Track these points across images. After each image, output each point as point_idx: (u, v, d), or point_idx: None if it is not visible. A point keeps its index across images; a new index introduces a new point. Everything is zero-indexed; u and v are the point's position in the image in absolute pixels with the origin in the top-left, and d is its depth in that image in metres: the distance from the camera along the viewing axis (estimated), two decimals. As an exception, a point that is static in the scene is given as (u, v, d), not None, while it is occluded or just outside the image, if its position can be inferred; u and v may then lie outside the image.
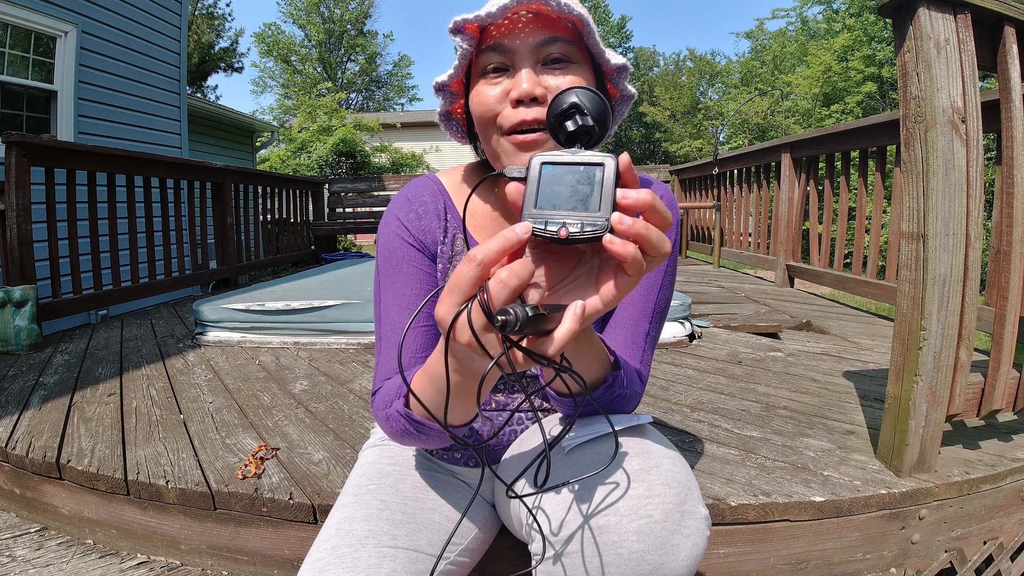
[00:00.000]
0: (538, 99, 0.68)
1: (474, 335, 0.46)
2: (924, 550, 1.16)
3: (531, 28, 0.69)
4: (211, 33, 18.90)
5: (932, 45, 1.08)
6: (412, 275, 0.78)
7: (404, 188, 0.84)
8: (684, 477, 0.62)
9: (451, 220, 0.82)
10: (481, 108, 0.71)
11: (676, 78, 23.16)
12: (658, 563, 0.57)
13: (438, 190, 0.84)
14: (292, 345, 2.43)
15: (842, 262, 3.55)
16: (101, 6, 4.54)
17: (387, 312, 0.78)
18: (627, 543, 0.57)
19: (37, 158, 2.71)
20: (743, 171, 4.88)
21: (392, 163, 11.05)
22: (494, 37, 0.70)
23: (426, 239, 0.80)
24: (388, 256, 0.79)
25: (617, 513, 0.59)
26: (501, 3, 0.66)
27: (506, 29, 0.69)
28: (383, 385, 0.75)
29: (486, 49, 0.70)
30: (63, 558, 1.23)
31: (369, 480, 0.81)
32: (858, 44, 14.06)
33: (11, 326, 2.42)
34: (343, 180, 6.89)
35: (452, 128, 0.83)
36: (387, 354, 0.77)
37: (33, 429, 1.51)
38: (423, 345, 0.76)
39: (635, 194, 0.45)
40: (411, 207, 0.81)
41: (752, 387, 1.79)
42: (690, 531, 0.59)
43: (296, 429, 1.51)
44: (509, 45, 0.69)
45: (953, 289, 1.13)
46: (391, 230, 0.80)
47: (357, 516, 0.73)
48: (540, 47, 0.69)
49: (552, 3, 0.66)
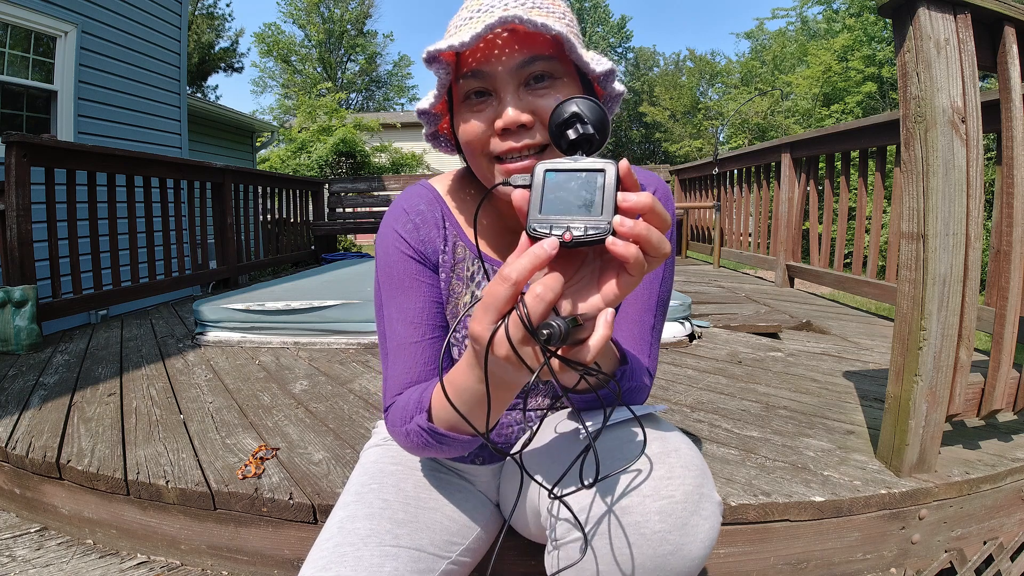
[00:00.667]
0: (525, 125, 0.66)
1: (513, 349, 0.48)
2: (924, 550, 1.16)
3: (509, 50, 0.66)
4: (211, 33, 18.90)
5: (932, 45, 1.08)
6: (415, 288, 0.78)
7: (399, 198, 0.83)
8: (700, 462, 0.64)
9: (450, 228, 0.81)
10: (467, 137, 0.70)
11: (676, 78, 23.16)
12: (679, 543, 0.59)
13: (434, 198, 0.82)
14: (292, 345, 2.43)
15: (842, 262, 3.55)
16: (101, 6, 4.54)
17: (393, 327, 0.77)
18: (650, 523, 0.59)
19: (37, 158, 2.71)
20: (743, 171, 4.88)
21: (392, 163, 11.05)
22: (471, 64, 0.68)
23: (426, 249, 0.79)
24: (389, 270, 0.78)
25: (640, 494, 0.60)
26: (473, 31, 0.63)
27: (482, 55, 0.67)
28: (395, 401, 0.74)
29: (466, 75, 0.68)
30: (63, 558, 1.23)
31: (371, 479, 0.81)
32: (858, 44, 14.06)
33: (11, 326, 2.43)
34: (343, 180, 6.89)
35: (440, 145, 0.82)
36: (396, 368, 0.76)
37: (33, 429, 1.51)
38: (433, 357, 0.76)
39: (635, 197, 0.46)
40: (408, 218, 0.79)
41: (752, 387, 1.79)
42: (707, 513, 0.61)
43: (296, 429, 1.51)
44: (488, 71, 0.67)
45: (953, 289, 1.13)
46: (390, 243, 0.79)
47: (360, 515, 0.73)
48: (521, 68, 0.66)
49: (529, 24, 0.63)
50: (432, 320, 0.78)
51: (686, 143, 19.10)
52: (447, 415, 0.65)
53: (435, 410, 0.67)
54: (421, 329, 0.76)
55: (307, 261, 6.22)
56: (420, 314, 0.77)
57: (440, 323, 0.79)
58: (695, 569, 0.60)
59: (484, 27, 0.62)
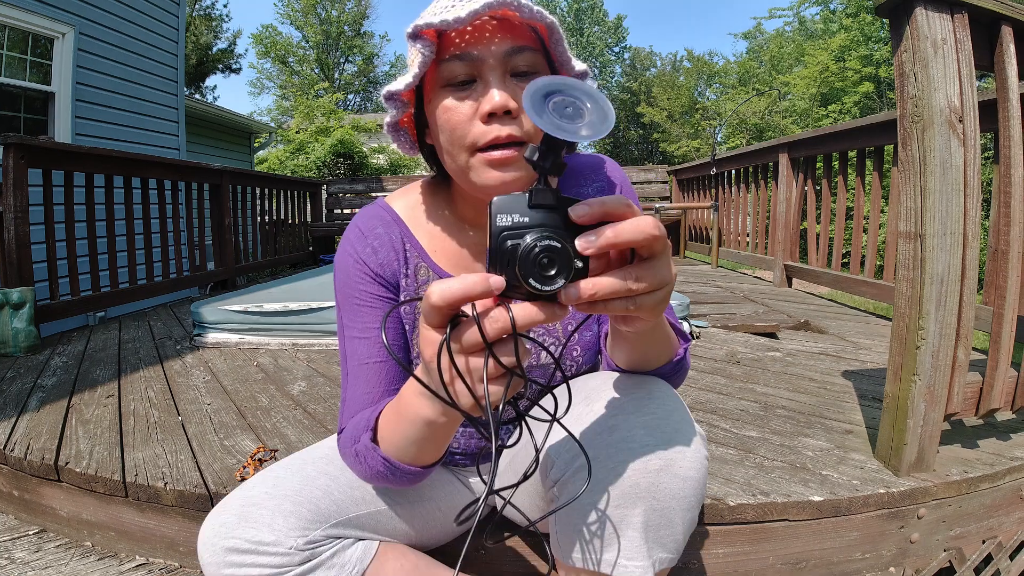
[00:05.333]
0: (511, 112, 0.63)
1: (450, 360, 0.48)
2: (923, 549, 1.16)
3: (500, 36, 0.64)
4: (209, 34, 18.88)
5: (929, 45, 1.08)
6: (379, 308, 0.76)
7: (356, 219, 0.80)
8: (680, 398, 0.67)
9: (410, 250, 0.78)
10: (451, 125, 0.65)
11: (674, 78, 23.17)
12: (668, 459, 0.59)
13: (392, 220, 0.79)
14: (290, 346, 2.42)
15: (840, 262, 3.55)
16: (98, 8, 4.53)
17: (354, 346, 0.75)
18: (636, 437, 0.60)
19: (35, 160, 2.70)
20: (741, 171, 4.88)
21: (390, 164, 11.06)
22: (459, 46, 0.64)
23: (385, 272, 0.76)
24: (349, 292, 0.76)
25: (624, 412, 0.62)
26: (470, 7, 0.60)
27: (471, 37, 0.64)
28: (347, 425, 0.73)
29: (450, 58, 0.64)
30: (62, 560, 1.23)
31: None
32: (855, 44, 14.09)
33: (9, 328, 2.42)
34: (341, 181, 6.89)
35: (401, 140, 0.77)
36: (355, 390, 0.74)
37: (31, 431, 1.51)
38: (396, 377, 0.75)
39: (588, 239, 0.44)
40: (366, 241, 0.77)
41: (750, 387, 1.79)
42: (692, 437, 0.62)
43: (294, 430, 1.50)
44: (478, 54, 0.64)
45: (951, 288, 1.13)
46: (349, 265, 0.76)
47: (317, 447, 0.82)
48: (508, 57, 0.64)
49: (525, 10, 0.61)
50: (397, 341, 0.77)
51: (684, 143, 19.11)
52: (395, 440, 0.63)
53: (382, 432, 0.66)
54: (384, 350, 0.74)
55: (305, 262, 6.21)
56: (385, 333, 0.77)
57: (404, 345, 0.78)
58: (690, 494, 0.60)
59: (483, 5, 0.60)
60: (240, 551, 0.64)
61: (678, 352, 0.70)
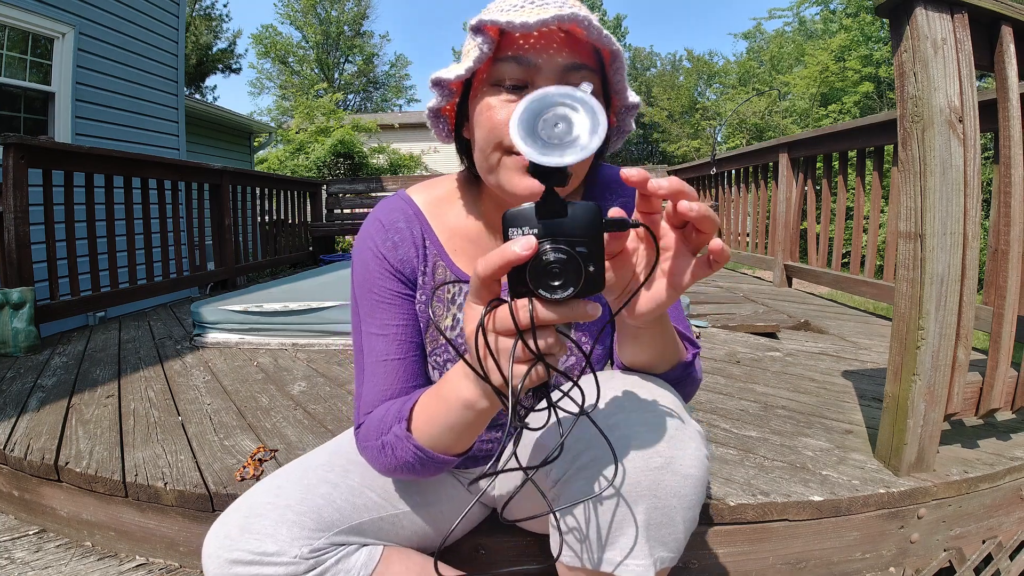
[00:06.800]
0: None
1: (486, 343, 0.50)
2: (923, 549, 1.16)
3: (565, 50, 0.64)
4: (209, 34, 18.87)
5: (929, 45, 1.08)
6: (400, 304, 0.76)
7: (376, 211, 0.79)
8: (679, 397, 0.68)
9: (430, 247, 0.78)
10: (491, 123, 0.65)
11: (674, 78, 23.15)
12: (669, 456, 0.59)
13: (413, 214, 0.79)
14: (290, 346, 2.42)
15: (840, 262, 3.55)
16: (98, 8, 4.53)
17: (372, 343, 0.75)
18: (637, 435, 0.60)
19: (35, 160, 2.70)
20: (741, 171, 4.88)
21: (390, 164, 11.04)
22: (521, 47, 0.64)
23: (405, 268, 0.76)
24: (369, 286, 0.76)
25: (624, 411, 0.63)
26: (539, 16, 0.60)
27: (536, 42, 0.64)
28: (369, 416, 0.73)
29: (507, 59, 0.64)
30: (62, 560, 1.23)
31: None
32: (855, 44, 14.09)
33: (9, 328, 2.42)
34: (341, 181, 6.88)
35: (439, 126, 0.77)
36: (373, 385, 0.74)
37: (31, 431, 1.51)
38: (415, 374, 0.75)
39: (664, 186, 0.48)
40: (387, 235, 0.77)
41: (750, 387, 1.79)
42: (692, 435, 0.62)
43: (294, 430, 1.50)
44: (536, 60, 0.63)
45: (951, 288, 1.13)
46: (369, 259, 0.76)
47: (321, 452, 0.83)
48: (566, 71, 0.64)
49: (593, 31, 0.61)
50: (415, 338, 0.77)
51: (684, 143, 19.10)
52: (430, 428, 0.64)
53: (416, 422, 0.66)
54: (404, 346, 0.75)
55: (305, 262, 6.21)
56: (404, 330, 0.76)
57: (419, 341, 0.78)
58: (691, 492, 0.60)
59: (553, 16, 0.59)
60: (244, 563, 0.64)
61: (685, 356, 0.71)
